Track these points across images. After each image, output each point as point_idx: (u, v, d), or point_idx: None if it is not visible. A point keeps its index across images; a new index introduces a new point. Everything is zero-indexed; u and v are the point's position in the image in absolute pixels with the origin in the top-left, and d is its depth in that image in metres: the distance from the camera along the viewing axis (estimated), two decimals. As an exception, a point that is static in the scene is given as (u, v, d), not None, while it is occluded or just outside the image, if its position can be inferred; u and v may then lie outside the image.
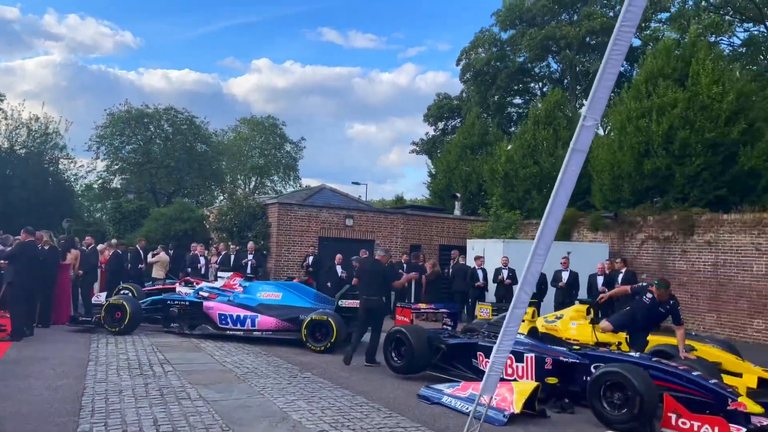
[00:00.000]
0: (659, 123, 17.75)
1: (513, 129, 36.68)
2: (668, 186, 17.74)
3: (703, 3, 30.14)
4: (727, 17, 30.81)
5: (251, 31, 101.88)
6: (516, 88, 38.64)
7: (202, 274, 16.72)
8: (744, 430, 6.52)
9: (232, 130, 51.86)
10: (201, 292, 12.57)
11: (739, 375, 8.79)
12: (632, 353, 7.94)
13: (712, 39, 28.03)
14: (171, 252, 18.14)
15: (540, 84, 38.96)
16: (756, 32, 31.41)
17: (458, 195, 27.01)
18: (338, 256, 17.59)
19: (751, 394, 7.90)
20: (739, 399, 6.82)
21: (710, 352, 9.35)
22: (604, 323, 9.54)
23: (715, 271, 15.80)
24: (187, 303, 12.20)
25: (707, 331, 15.52)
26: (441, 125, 41.98)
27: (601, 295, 9.68)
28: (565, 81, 36.05)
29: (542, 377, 7.67)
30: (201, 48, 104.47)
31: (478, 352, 8.58)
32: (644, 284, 9.54)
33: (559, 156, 22.55)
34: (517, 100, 39.92)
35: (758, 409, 6.77)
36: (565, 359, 7.78)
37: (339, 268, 17.40)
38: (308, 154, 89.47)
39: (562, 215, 4.34)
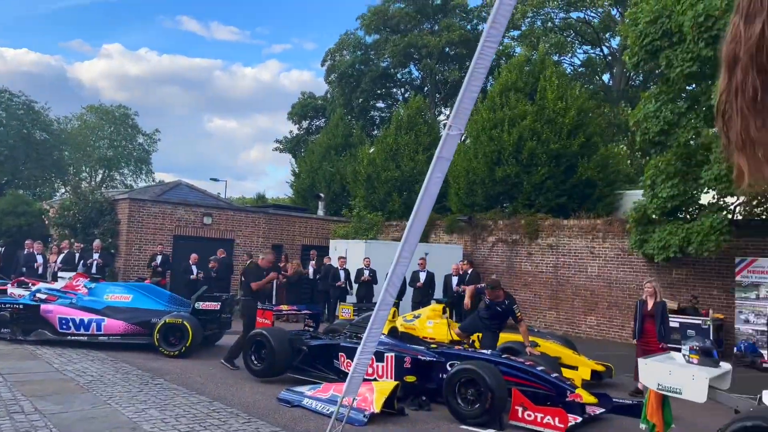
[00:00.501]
0: (510, 133, 18.96)
1: (376, 132, 37.40)
2: (517, 192, 19.00)
3: (549, 24, 32.71)
4: (569, 39, 33.70)
5: (102, 13, 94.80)
6: (379, 92, 39.45)
7: (39, 274, 15.25)
8: (579, 419, 7.15)
9: (77, 117, 47.92)
10: (38, 294, 11.46)
11: (575, 368, 9.59)
12: (484, 351, 8.38)
13: (556, 58, 30.51)
14: (2, 250, 16.37)
15: (402, 90, 40.08)
16: (593, 54, 34.68)
17: (322, 195, 27.03)
18: (193, 256, 16.86)
19: (585, 385, 8.67)
20: (577, 391, 7.45)
21: (551, 348, 10.12)
22: (458, 330, 9.99)
23: (556, 272, 17.18)
24: (21, 306, 11.06)
25: (548, 328, 16.80)
26: (305, 124, 41.81)
27: (466, 301, 10.12)
28: (426, 88, 37.40)
29: (401, 376, 7.86)
30: (42, 26, 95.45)
31: (340, 353, 8.62)
32: (481, 286, 10.11)
33: (419, 160, 23.35)
34: (380, 104, 40.79)
35: (592, 399, 7.45)
36: (424, 358, 8.04)
37: (194, 269, 16.68)
38: (163, 147, 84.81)
39: (427, 219, 4.46)
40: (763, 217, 13.76)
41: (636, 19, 13.23)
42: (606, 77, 34.01)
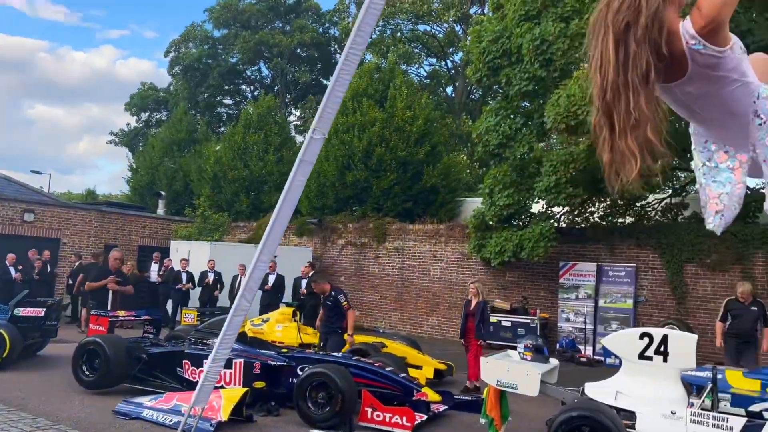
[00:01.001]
0: (360, 139, 19.31)
1: (223, 129, 36.23)
2: (366, 197, 19.39)
3: (399, 35, 33.84)
4: (416, 50, 35.10)
5: None
6: (227, 88, 38.27)
7: None
8: (425, 417, 7.44)
9: None
10: None
11: (420, 367, 9.97)
12: (335, 354, 8.42)
13: (404, 67, 31.64)
14: None
15: (251, 87, 39.24)
16: (438, 67, 36.43)
17: (162, 193, 25.59)
18: (10, 256, 15.15)
19: (429, 383, 9.04)
20: (423, 389, 7.74)
21: (398, 348, 10.42)
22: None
23: (401, 274, 17.77)
24: None
25: (393, 328, 17.33)
26: (145, 117, 39.38)
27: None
28: (276, 88, 36.94)
29: (250, 382, 7.65)
30: None
31: (185, 361, 8.20)
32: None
33: (269, 161, 22.98)
34: (228, 101, 39.59)
35: (437, 397, 7.78)
36: (274, 363, 7.90)
37: (12, 270, 14.99)
38: (-27, 133, 75.49)
39: (287, 223, 4.39)
40: (583, 225, 15.29)
41: (480, 36, 14.10)
42: (449, 90, 35.85)
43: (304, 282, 15.73)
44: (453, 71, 35.12)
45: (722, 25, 1.81)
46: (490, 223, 14.78)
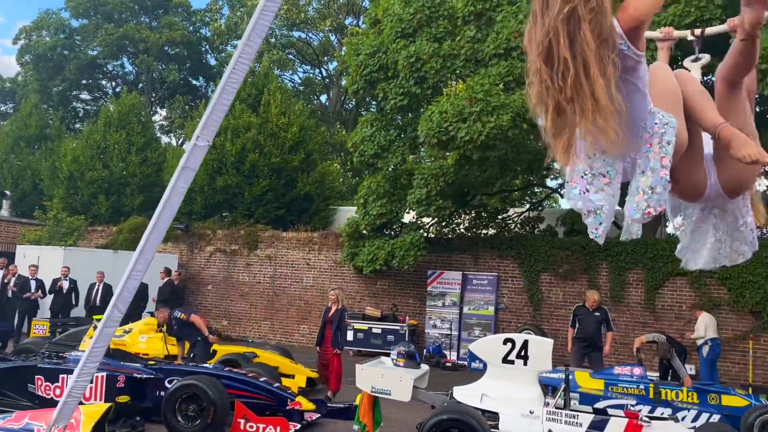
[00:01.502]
0: (233, 143, 18.87)
1: (79, 126, 33.75)
2: (237, 203, 18.96)
3: (273, 40, 33.48)
4: (291, 56, 34.93)
5: None
6: (85, 82, 35.66)
7: None
8: (299, 425, 7.43)
9: None
10: None
11: (292, 376, 9.94)
12: (206, 365, 8.18)
13: (278, 72, 31.37)
14: None
15: (113, 83, 36.89)
16: (312, 75, 36.47)
17: (8, 193, 23.26)
18: None
19: (302, 392, 9.04)
20: (296, 398, 7.73)
21: (270, 358, 10.31)
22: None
23: (273, 282, 17.54)
24: None
25: (262, 338, 17.05)
26: (-13, 108, 35.71)
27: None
28: (141, 85, 35.03)
29: (114, 396, 7.22)
30: None
31: (37, 376, 7.56)
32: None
33: (131, 162, 21.76)
34: (86, 96, 36.91)
35: (310, 405, 7.80)
36: (139, 375, 7.52)
37: None
38: None
39: (166, 231, 4.25)
40: (450, 236, 16.03)
41: (357, 50, 14.38)
42: (324, 98, 36.03)
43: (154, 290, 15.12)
44: (327, 80, 35.33)
45: (645, 27, 2.06)
46: (364, 231, 15.06)
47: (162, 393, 7.21)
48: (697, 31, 2.80)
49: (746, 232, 2.55)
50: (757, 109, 15.00)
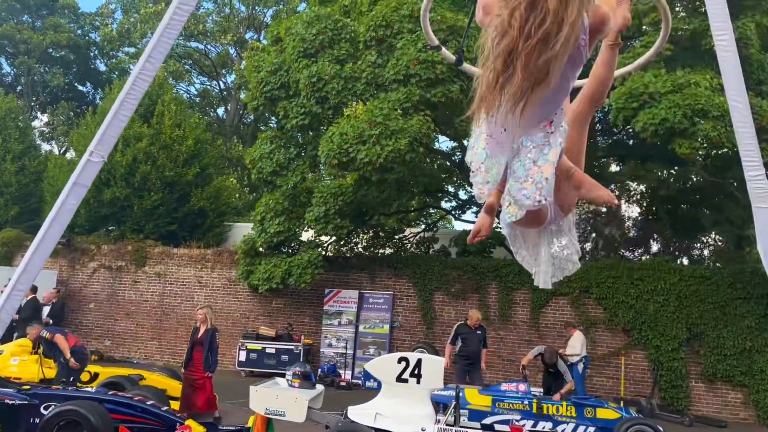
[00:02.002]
0: (123, 154, 18.04)
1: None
2: (126, 217, 18.09)
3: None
4: (187, 67, 33.96)
5: None
6: (-46, 81, 32.81)
7: None
8: (188, 450, 7.18)
9: None
10: None
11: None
12: (88, 389, 7.74)
13: (173, 82, 30.40)
14: None
15: (-12, 84, 34.17)
16: (210, 87, 35.62)
17: None
18: None
19: (190, 415, 8.73)
20: (186, 422, 7.47)
21: (158, 380, 9.89)
22: None
23: (162, 301, 16.83)
24: None
25: (149, 359, 16.29)
26: None
27: None
28: (20, 88, 32.69)
29: (-19, 426, 6.67)
30: None
31: None
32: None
33: (6, 170, 20.24)
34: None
35: (201, 429, 7.56)
36: (12, 401, 6.98)
37: None
38: None
39: (53, 249, 4.05)
40: (348, 255, 16.15)
41: (258, 66, 14.28)
42: (221, 111, 35.26)
43: (46, 310, 14.15)
44: (225, 93, 34.63)
45: (604, 35, 2.20)
46: (260, 249, 14.85)
47: (37, 420, 6.74)
48: None
49: (575, 242, 2.95)
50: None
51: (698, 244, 22.42)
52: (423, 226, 19.59)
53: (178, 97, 22.98)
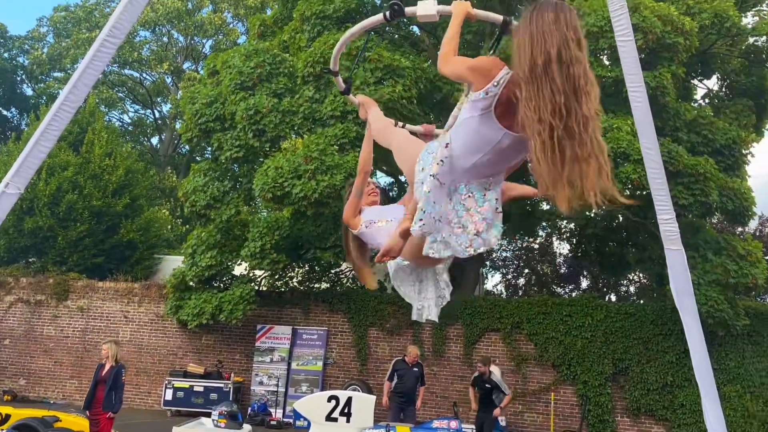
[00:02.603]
0: (47, 182, 17.32)
1: None
2: (48, 248, 17.27)
3: (101, 76, 31.65)
4: (121, 95, 33.18)
5: None
6: None
7: None
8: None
9: None
10: None
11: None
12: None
13: (105, 109, 29.62)
14: None
15: None
16: (144, 115, 34.86)
17: None
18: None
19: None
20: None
21: (74, 422, 9.37)
22: None
23: (84, 337, 16.04)
24: None
25: (67, 398, 15.40)
26: None
27: None
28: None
29: None
30: None
31: None
32: None
33: None
34: None
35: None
36: None
37: None
38: None
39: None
40: (282, 290, 15.89)
41: (194, 98, 14.10)
42: (155, 140, 34.51)
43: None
44: (160, 122, 33.95)
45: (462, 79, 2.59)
46: (191, 283, 14.43)
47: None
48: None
49: (446, 278, 3.26)
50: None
51: (625, 281, 23.34)
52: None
53: (110, 126, 22.39)
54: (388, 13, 3.07)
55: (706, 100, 16.75)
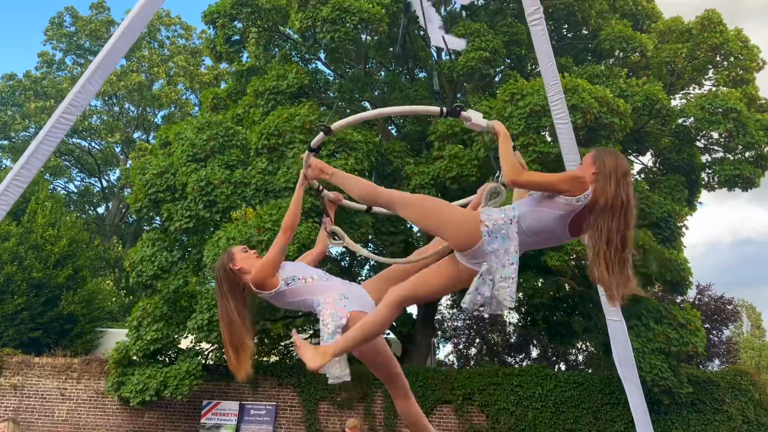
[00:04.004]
0: (-15, 253, 16.70)
1: None
2: (-19, 321, 16.46)
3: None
4: (67, 163, 32.56)
5: None
6: None
7: None
8: None
9: None
10: None
11: None
12: None
13: (50, 177, 29.00)
14: None
15: None
16: (91, 184, 34.16)
17: None
18: None
19: None
20: None
21: None
22: None
23: (17, 416, 15.08)
24: None
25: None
26: None
27: None
28: None
29: None
30: None
31: None
32: None
33: None
34: None
35: None
36: None
37: None
38: None
39: None
40: (231, 363, 15.43)
41: (144, 168, 14.04)
42: (101, 209, 33.79)
43: None
44: (107, 191, 33.35)
45: None
46: (134, 358, 13.89)
47: None
48: None
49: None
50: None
51: (573, 350, 23.62)
52: (311, 332, 19.26)
53: (54, 195, 21.91)
54: (444, 109, 3.31)
55: (642, 176, 17.66)
